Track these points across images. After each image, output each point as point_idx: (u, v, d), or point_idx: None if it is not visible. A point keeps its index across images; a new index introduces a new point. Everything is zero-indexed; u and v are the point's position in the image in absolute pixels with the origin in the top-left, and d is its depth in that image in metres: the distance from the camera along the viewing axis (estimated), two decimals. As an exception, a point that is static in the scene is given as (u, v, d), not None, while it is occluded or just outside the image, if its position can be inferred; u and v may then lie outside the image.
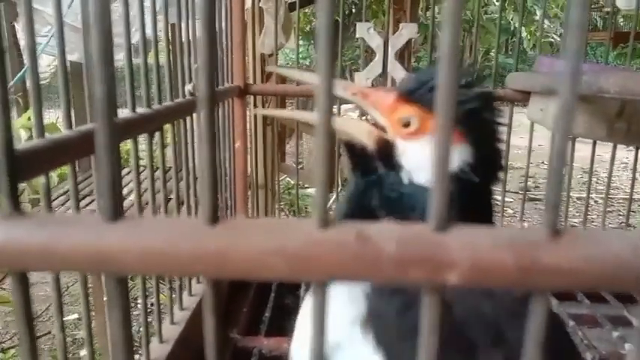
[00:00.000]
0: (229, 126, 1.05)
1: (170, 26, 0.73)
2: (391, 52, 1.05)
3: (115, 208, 0.22)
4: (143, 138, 0.59)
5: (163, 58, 0.68)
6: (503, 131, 0.50)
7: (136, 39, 0.60)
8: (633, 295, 0.87)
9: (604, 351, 0.82)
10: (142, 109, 0.57)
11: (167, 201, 0.74)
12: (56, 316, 0.42)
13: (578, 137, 0.97)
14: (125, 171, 1.63)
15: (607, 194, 1.16)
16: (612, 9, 1.33)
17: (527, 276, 0.20)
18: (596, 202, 3.50)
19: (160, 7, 0.65)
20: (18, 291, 0.24)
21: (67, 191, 0.63)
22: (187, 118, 0.76)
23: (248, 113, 1.20)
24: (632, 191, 1.21)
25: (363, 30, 1.06)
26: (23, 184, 1.48)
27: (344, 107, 1.12)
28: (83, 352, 0.47)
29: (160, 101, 0.62)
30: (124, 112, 0.56)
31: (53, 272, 0.39)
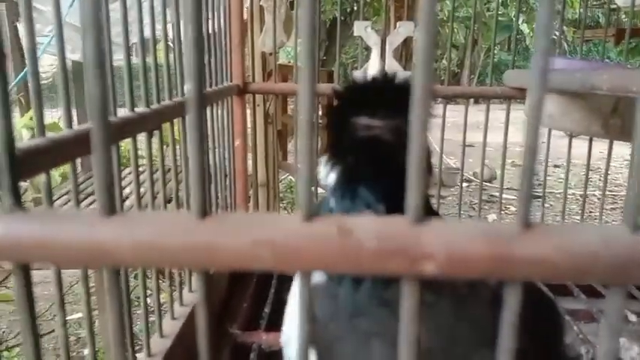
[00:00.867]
0: (229, 125, 1.05)
1: (170, 25, 0.74)
2: (389, 51, 1.06)
3: (110, 204, 0.23)
4: (145, 137, 0.60)
5: (162, 58, 0.69)
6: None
7: (137, 38, 0.61)
8: (629, 291, 0.88)
9: (599, 345, 0.82)
10: (141, 109, 0.58)
11: (168, 201, 0.75)
12: (58, 312, 0.43)
13: (574, 134, 0.97)
14: (127, 171, 1.64)
15: (604, 191, 1.16)
16: (609, 6, 1.33)
17: (500, 267, 0.21)
18: (598, 199, 3.50)
19: (158, 6, 0.66)
20: (20, 282, 0.25)
21: (69, 191, 0.64)
22: (187, 117, 0.77)
23: (248, 112, 1.21)
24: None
25: (361, 28, 1.07)
26: (26, 184, 1.49)
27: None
28: (87, 351, 0.48)
29: (159, 100, 0.63)
30: (124, 111, 0.57)
31: (51, 264, 0.40)
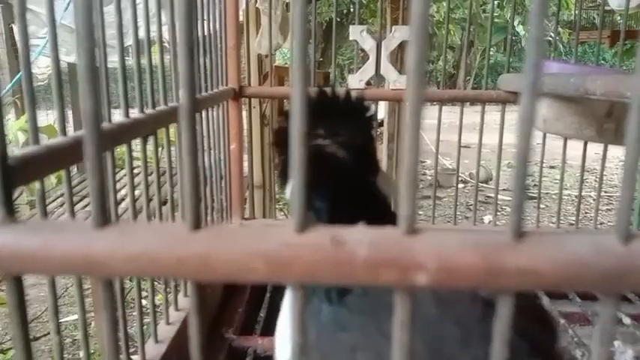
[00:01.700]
0: (224, 128, 1.05)
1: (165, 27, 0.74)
2: (384, 55, 1.06)
3: (104, 215, 0.23)
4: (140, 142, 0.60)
5: (157, 60, 0.69)
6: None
7: (132, 41, 0.61)
8: (623, 294, 0.88)
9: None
10: (136, 114, 0.58)
11: (163, 203, 0.75)
12: (52, 319, 0.43)
13: (568, 138, 0.98)
14: (122, 172, 1.64)
15: (599, 192, 1.17)
16: (602, 8, 1.34)
17: (492, 276, 0.21)
18: (594, 200, 3.51)
19: (152, 8, 0.66)
20: (12, 295, 0.25)
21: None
22: (181, 130, 0.77)
23: (245, 113, 1.21)
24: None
25: (356, 32, 1.07)
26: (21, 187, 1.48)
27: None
28: (82, 353, 0.48)
29: (154, 106, 0.63)
30: (119, 117, 0.57)
31: (45, 276, 0.40)
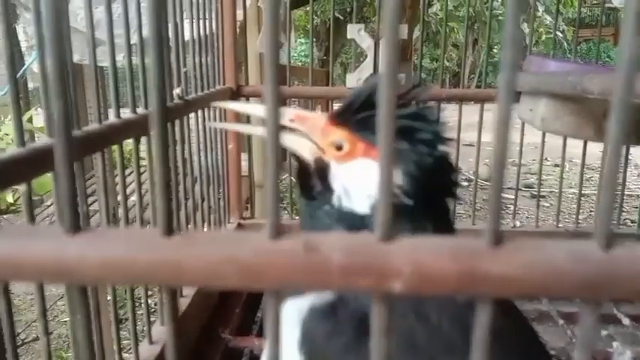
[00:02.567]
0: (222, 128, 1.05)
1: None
2: (382, 54, 1.05)
3: (75, 221, 0.22)
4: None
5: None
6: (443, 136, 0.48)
7: (134, 40, 0.61)
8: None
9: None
10: (128, 114, 0.57)
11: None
12: (40, 321, 0.43)
13: (567, 137, 0.97)
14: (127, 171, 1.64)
15: (600, 190, 1.16)
16: (603, 6, 1.33)
17: (468, 283, 0.21)
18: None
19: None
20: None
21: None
22: (176, 122, 0.77)
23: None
24: (623, 187, 1.21)
25: (354, 31, 1.07)
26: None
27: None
28: (73, 354, 0.48)
29: (147, 106, 0.63)
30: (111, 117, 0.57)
31: (18, 281, 0.39)
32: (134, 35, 0.62)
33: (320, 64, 6.60)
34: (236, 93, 1.13)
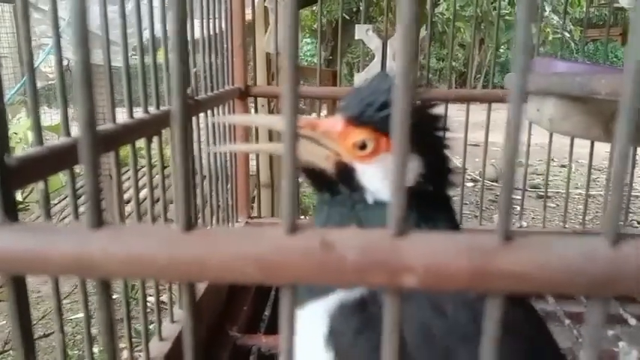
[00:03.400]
0: (231, 128, 1.06)
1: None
2: (390, 54, 1.06)
3: (99, 217, 0.23)
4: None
5: (162, 58, 0.69)
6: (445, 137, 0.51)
7: (145, 37, 0.62)
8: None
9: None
10: (140, 114, 0.58)
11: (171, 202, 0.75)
12: (55, 318, 0.44)
13: (574, 137, 0.97)
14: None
15: (607, 191, 1.16)
16: (610, 6, 1.33)
17: (479, 279, 0.21)
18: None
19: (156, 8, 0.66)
20: (13, 294, 0.26)
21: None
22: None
23: (252, 112, 1.21)
24: (630, 189, 1.21)
25: (362, 32, 1.08)
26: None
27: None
28: (95, 349, 0.49)
29: (158, 106, 0.64)
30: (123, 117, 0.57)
31: (42, 275, 0.40)
32: (144, 35, 0.62)
33: (326, 64, 6.60)
34: (245, 93, 1.14)
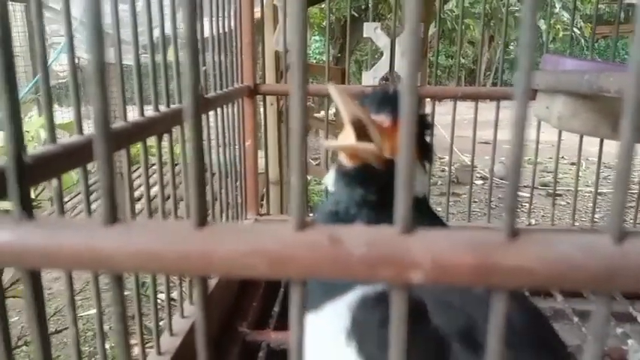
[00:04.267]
0: (240, 125, 1.07)
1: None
2: (398, 52, 1.07)
3: (112, 212, 0.24)
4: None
5: (173, 57, 0.70)
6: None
7: (155, 36, 0.63)
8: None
9: (607, 347, 0.83)
10: (151, 112, 0.59)
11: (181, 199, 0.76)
12: (69, 312, 0.44)
13: (584, 135, 0.97)
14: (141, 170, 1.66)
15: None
16: (620, 3, 1.32)
17: (485, 275, 0.22)
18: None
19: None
20: (28, 288, 0.27)
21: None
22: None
23: (261, 109, 1.22)
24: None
25: (370, 30, 1.08)
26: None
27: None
28: (107, 345, 0.50)
29: (169, 104, 0.65)
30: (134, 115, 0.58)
31: (57, 270, 0.41)
32: (153, 33, 0.63)
33: (334, 62, 6.59)
34: (253, 91, 1.14)
